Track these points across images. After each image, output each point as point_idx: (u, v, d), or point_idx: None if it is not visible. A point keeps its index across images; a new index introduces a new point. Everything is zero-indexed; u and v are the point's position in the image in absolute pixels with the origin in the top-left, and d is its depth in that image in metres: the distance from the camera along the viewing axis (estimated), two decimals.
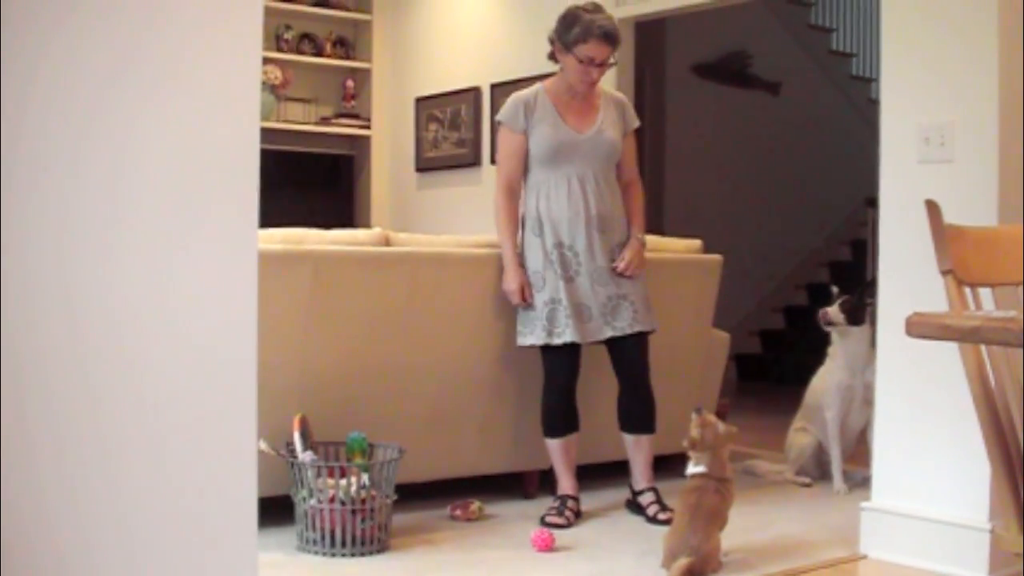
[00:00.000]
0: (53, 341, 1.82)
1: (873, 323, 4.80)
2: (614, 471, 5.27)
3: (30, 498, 1.80)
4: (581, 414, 4.95)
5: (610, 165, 4.94)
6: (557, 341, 4.80)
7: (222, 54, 1.99)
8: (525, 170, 4.92)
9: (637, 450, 4.94)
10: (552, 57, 4.90)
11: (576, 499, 4.87)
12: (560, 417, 4.91)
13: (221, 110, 1.99)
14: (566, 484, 4.90)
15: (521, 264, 4.89)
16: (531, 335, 4.85)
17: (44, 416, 1.82)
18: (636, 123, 5.08)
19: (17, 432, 1.78)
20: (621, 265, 4.85)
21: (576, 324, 4.78)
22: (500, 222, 4.92)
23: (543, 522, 4.68)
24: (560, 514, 4.74)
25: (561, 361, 4.86)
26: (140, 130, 1.90)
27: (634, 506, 4.95)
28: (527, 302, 4.84)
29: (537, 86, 4.98)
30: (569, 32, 4.76)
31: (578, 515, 4.83)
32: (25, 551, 1.80)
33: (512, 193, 4.92)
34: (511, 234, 4.90)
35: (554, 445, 4.92)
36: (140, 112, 1.90)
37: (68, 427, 1.84)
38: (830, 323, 5.55)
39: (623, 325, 4.84)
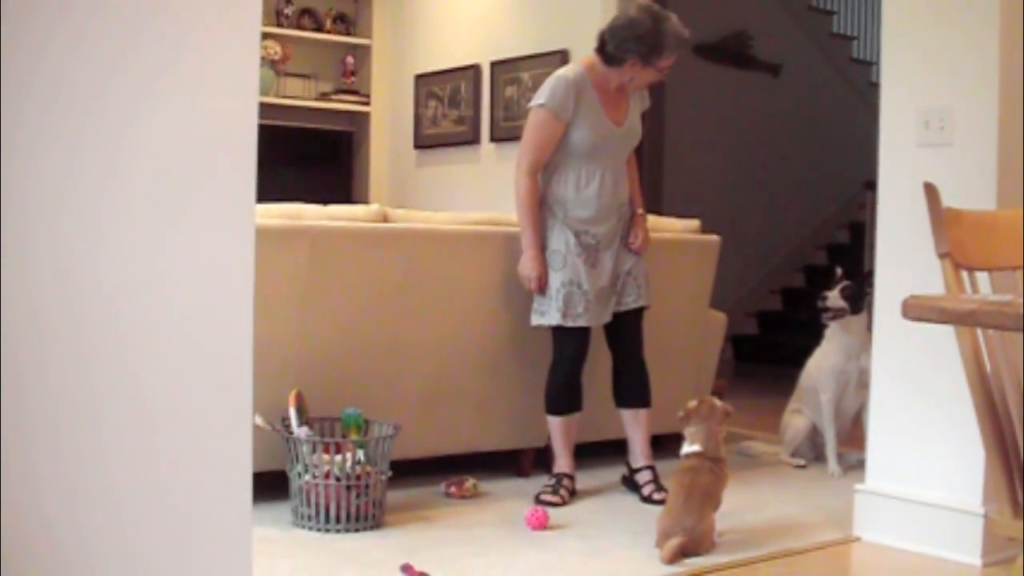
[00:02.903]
0: (47, 315, 1.82)
1: (870, 309, 4.80)
2: (610, 450, 5.28)
3: (21, 468, 1.80)
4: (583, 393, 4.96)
5: (631, 152, 4.97)
6: (571, 324, 4.80)
7: (222, 29, 1.98)
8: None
9: (635, 425, 4.95)
10: (603, 54, 4.77)
11: (572, 477, 4.88)
12: (565, 396, 4.91)
13: (220, 85, 1.98)
14: (563, 462, 4.91)
15: (542, 247, 4.87)
16: (546, 315, 4.83)
17: (37, 391, 1.81)
18: (648, 103, 5.07)
19: (10, 404, 1.78)
20: (636, 244, 4.88)
21: (595, 309, 4.78)
22: (524, 205, 4.80)
23: (538, 500, 4.69)
24: (555, 492, 4.75)
25: (573, 342, 4.85)
26: (139, 104, 1.89)
27: (630, 483, 4.96)
28: (542, 291, 4.83)
29: (581, 69, 4.83)
30: (658, 53, 4.69)
31: (573, 494, 4.84)
32: (14, 518, 1.80)
33: (537, 176, 4.84)
34: (536, 218, 4.81)
35: (556, 423, 4.92)
36: (139, 87, 1.89)
37: (61, 401, 1.84)
38: (828, 308, 5.55)
39: (629, 300, 4.88)
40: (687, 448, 4.23)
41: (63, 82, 1.82)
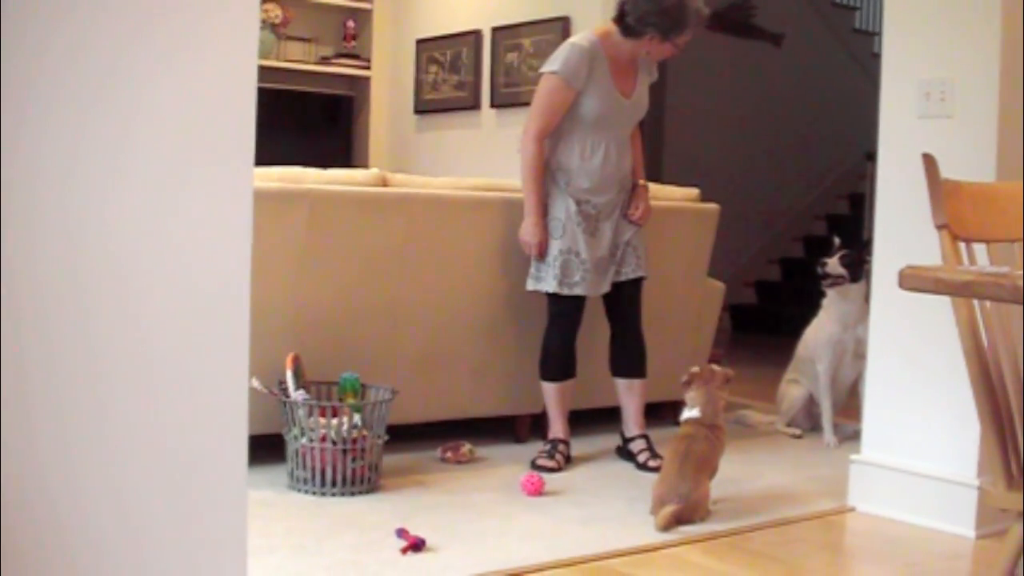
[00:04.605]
0: (51, 278, 1.82)
1: (868, 279, 4.81)
2: (605, 417, 5.29)
3: (19, 425, 1.81)
4: (577, 360, 4.96)
5: (636, 124, 4.98)
6: (567, 292, 4.80)
7: None
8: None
9: (629, 395, 4.96)
10: (622, 24, 4.73)
11: (567, 443, 4.89)
12: (560, 363, 4.91)
13: (219, 47, 1.97)
14: (558, 428, 4.92)
15: (544, 214, 4.86)
16: (543, 281, 4.83)
17: (38, 351, 1.82)
18: (656, 76, 5.05)
19: (10, 364, 1.79)
20: (637, 215, 4.88)
21: (591, 278, 4.78)
22: (529, 171, 4.78)
23: (533, 465, 4.71)
24: (551, 458, 4.77)
25: (568, 310, 4.86)
26: (145, 71, 1.89)
27: (624, 452, 4.97)
28: (541, 257, 4.82)
29: (595, 39, 4.80)
30: (680, 30, 4.69)
31: (568, 459, 4.85)
32: (12, 473, 1.81)
33: (543, 143, 4.82)
34: (539, 185, 4.80)
35: (550, 389, 4.93)
36: (147, 54, 1.89)
37: (61, 362, 1.84)
38: (827, 275, 5.55)
39: (628, 271, 4.88)
40: (687, 413, 4.26)
41: (77, 52, 1.82)
